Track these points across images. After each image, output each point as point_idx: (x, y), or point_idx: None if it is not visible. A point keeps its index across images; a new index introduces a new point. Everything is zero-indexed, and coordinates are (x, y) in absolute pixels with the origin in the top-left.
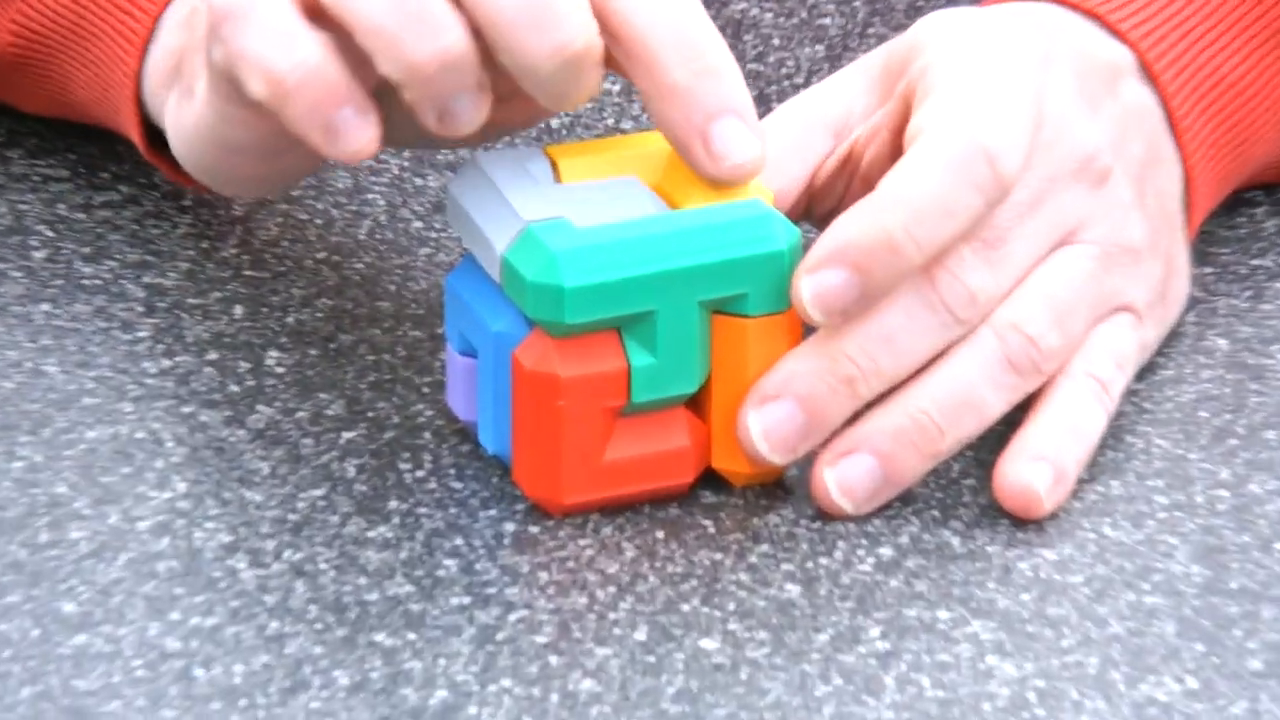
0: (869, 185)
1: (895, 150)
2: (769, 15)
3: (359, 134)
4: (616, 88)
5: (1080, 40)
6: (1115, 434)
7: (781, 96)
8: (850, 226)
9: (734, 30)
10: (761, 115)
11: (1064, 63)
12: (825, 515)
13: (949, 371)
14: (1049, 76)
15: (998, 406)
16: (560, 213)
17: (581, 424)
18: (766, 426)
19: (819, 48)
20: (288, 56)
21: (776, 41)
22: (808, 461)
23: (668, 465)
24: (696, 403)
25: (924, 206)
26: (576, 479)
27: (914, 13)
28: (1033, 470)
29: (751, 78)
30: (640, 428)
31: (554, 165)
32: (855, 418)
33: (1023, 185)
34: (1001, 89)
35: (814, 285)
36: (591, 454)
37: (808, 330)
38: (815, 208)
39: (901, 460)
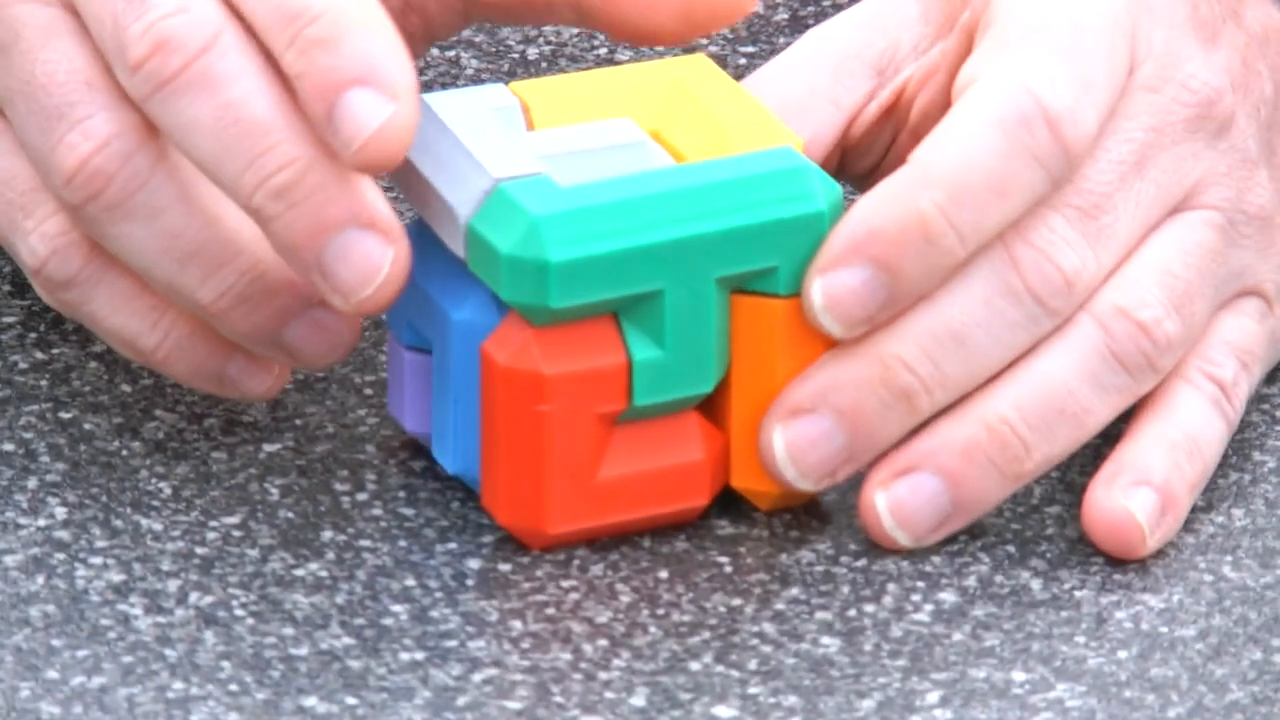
0: (919, 141)
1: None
2: None
3: (254, 381)
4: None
5: None
6: (1239, 450)
7: (820, 17)
8: (874, 210)
9: None
10: (789, 44)
11: None
12: (875, 548)
13: (1038, 370)
14: (1152, 4)
15: (1100, 415)
16: (538, 168)
17: (570, 434)
18: (795, 445)
19: None
20: (151, 333)
21: None
22: (854, 481)
23: (677, 484)
24: (711, 406)
25: (968, 183)
26: (563, 503)
27: None
28: (1133, 497)
29: None
30: (642, 438)
31: (524, 108)
32: (921, 426)
33: (1124, 138)
34: (1078, 23)
35: (828, 288)
36: (582, 471)
37: None
38: (851, 164)
39: (974, 482)
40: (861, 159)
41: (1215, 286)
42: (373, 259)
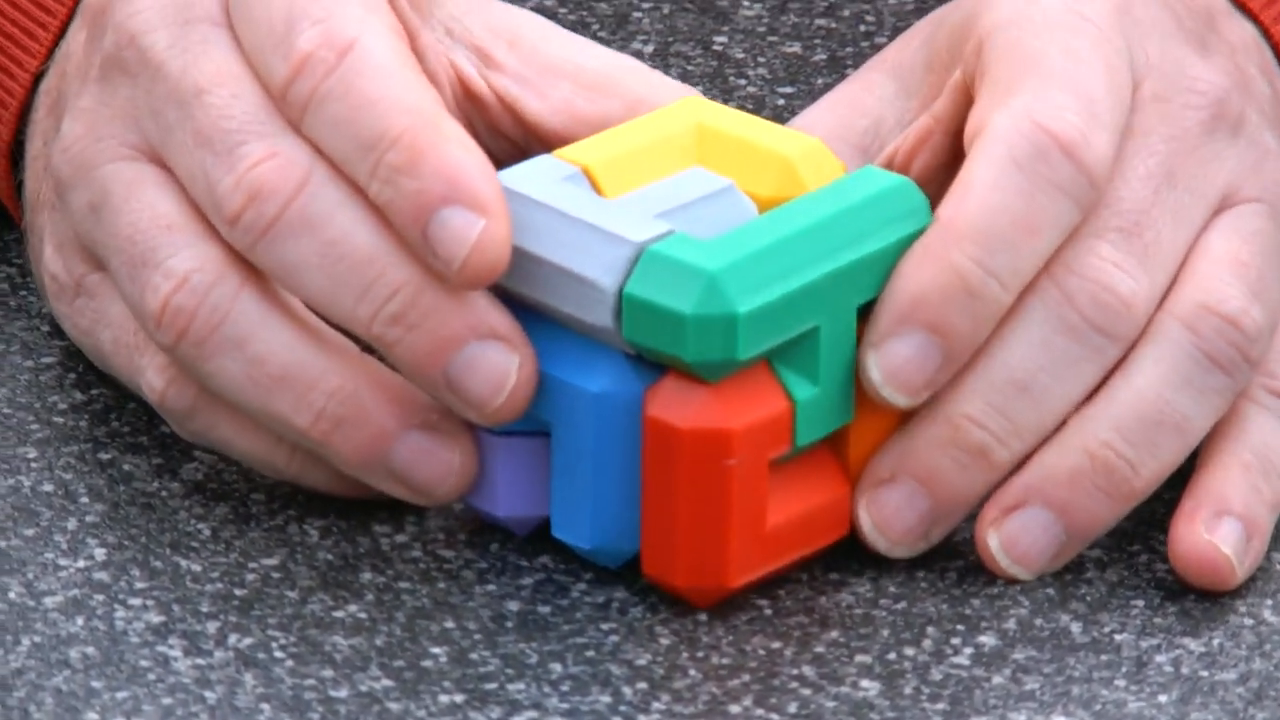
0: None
1: (955, 156)
2: None
3: (426, 469)
4: (649, 48)
5: None
6: None
7: (859, 59)
8: (912, 277)
9: None
10: (834, 83)
11: (1151, 4)
12: (914, 591)
13: (1131, 386)
14: (1138, 20)
15: (1201, 420)
16: (665, 226)
17: (748, 484)
18: (880, 516)
19: None
20: (277, 450)
21: None
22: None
23: (827, 520)
24: (831, 437)
25: (996, 229)
26: (743, 555)
27: None
28: (1217, 530)
29: (822, 36)
30: (792, 480)
31: (586, 172)
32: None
33: (1147, 153)
34: (1070, 50)
35: (884, 361)
36: (758, 521)
37: None
38: None
39: (1084, 509)
40: None
41: (1278, 274)
42: (499, 368)
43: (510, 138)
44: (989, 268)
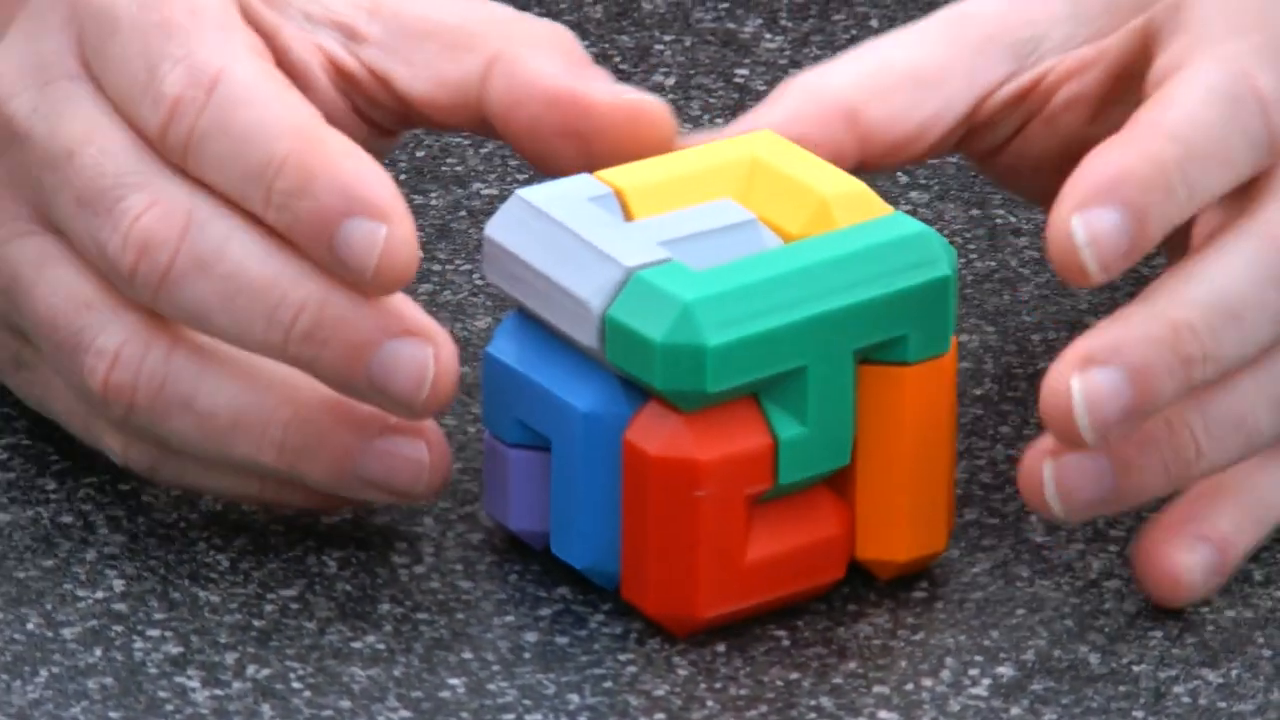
0: (1055, 134)
1: (1108, 94)
2: None
3: (401, 473)
4: (671, 80)
5: None
6: None
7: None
8: (1120, 157)
9: (821, 8)
10: None
11: None
12: (932, 622)
13: (1232, 382)
14: None
15: (1267, 440)
16: (666, 254)
17: (720, 517)
18: (1092, 396)
19: None
20: (249, 483)
21: (875, 22)
22: (945, 558)
23: (816, 560)
24: (835, 478)
25: (1197, 144)
26: (714, 586)
27: None
28: (1189, 552)
29: None
30: (781, 516)
31: (618, 195)
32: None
33: None
34: (1275, 29)
35: (1090, 225)
36: (731, 553)
37: (964, 370)
38: (972, 142)
39: (1144, 476)
40: (983, 139)
41: None
42: (416, 362)
43: (389, 108)
44: (1185, 172)
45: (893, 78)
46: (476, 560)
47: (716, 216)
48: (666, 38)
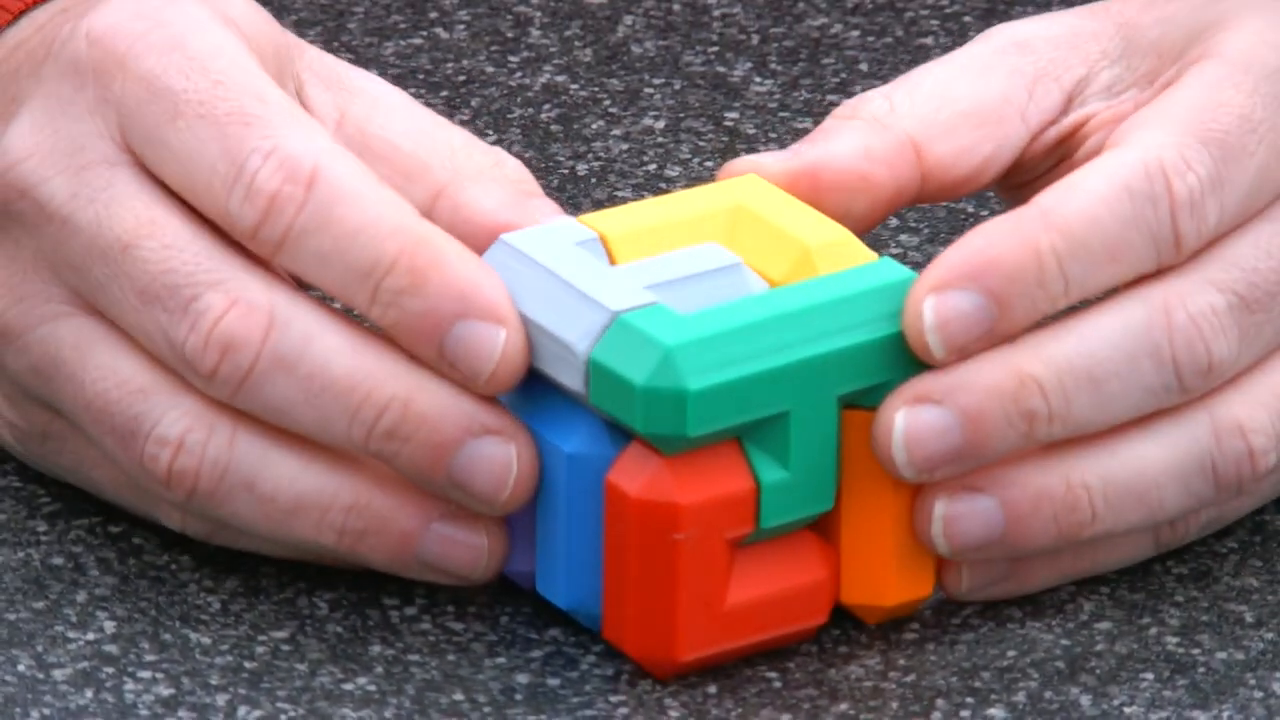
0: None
1: None
2: (855, 33)
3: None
4: (660, 124)
5: None
6: None
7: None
8: (994, 242)
9: (811, 51)
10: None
11: None
12: (924, 664)
13: (1138, 451)
14: None
15: (1172, 513)
16: (651, 298)
17: (701, 560)
18: (914, 431)
19: None
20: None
21: (864, 66)
22: (939, 599)
23: (799, 605)
24: (820, 522)
25: (1088, 238)
26: (694, 630)
27: None
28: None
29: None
30: (764, 560)
31: (602, 239)
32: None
33: None
34: (1248, 119)
35: (941, 308)
36: (711, 597)
37: None
38: (1011, 176)
39: (1033, 528)
40: (1019, 175)
41: None
42: (500, 462)
43: None
44: (1065, 268)
45: (954, 114)
46: (467, 602)
47: (702, 260)
48: (656, 81)
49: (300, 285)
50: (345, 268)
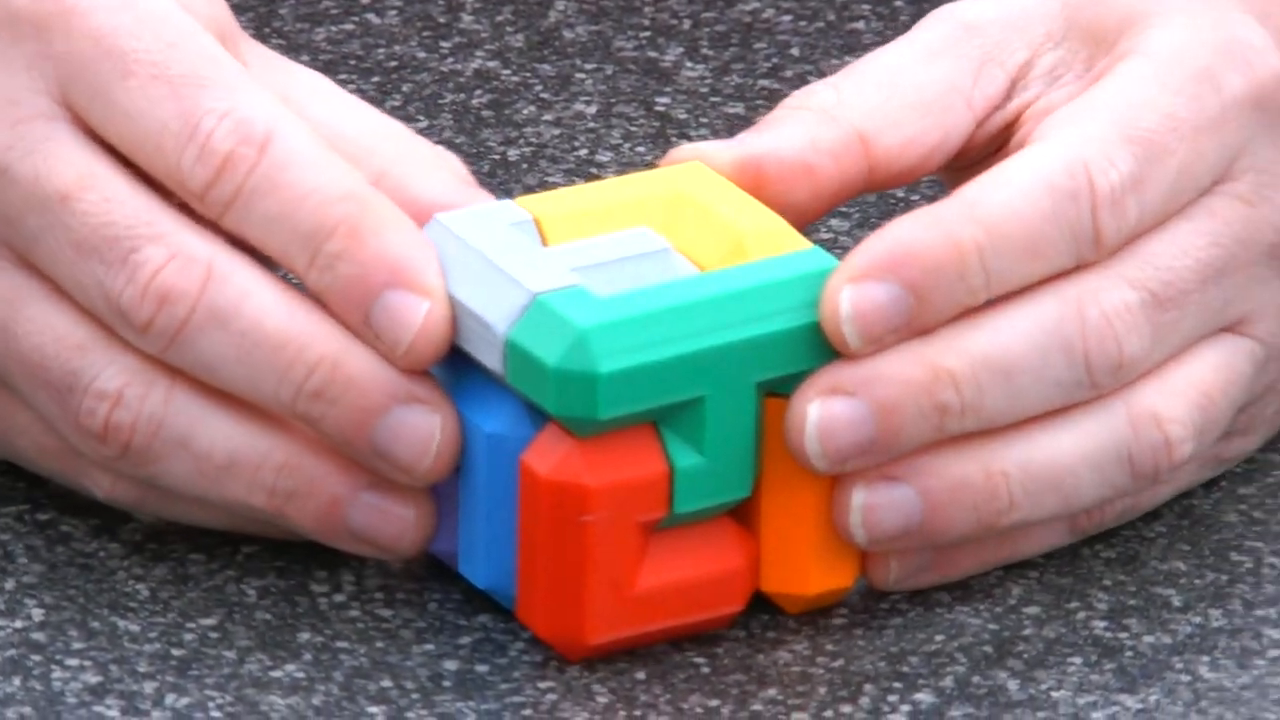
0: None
1: None
2: (787, 18)
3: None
4: (592, 109)
5: None
6: (1216, 550)
7: None
8: (914, 234)
9: (743, 36)
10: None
11: None
12: (852, 649)
13: (1055, 439)
14: (1269, 122)
15: (1088, 502)
16: (573, 280)
17: (611, 543)
18: (827, 422)
19: (849, 59)
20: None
21: (796, 51)
22: (874, 596)
23: (714, 591)
24: (741, 509)
25: (1009, 233)
26: (603, 613)
27: None
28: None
29: (765, 97)
30: (679, 546)
31: (536, 222)
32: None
33: (1213, 241)
34: (1173, 116)
35: (857, 299)
36: (622, 580)
37: None
38: (956, 161)
39: (951, 517)
40: (963, 160)
41: (1232, 418)
42: (423, 431)
43: None
44: (986, 262)
45: (902, 104)
46: (396, 588)
47: (630, 244)
48: (588, 66)
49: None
50: (291, 230)
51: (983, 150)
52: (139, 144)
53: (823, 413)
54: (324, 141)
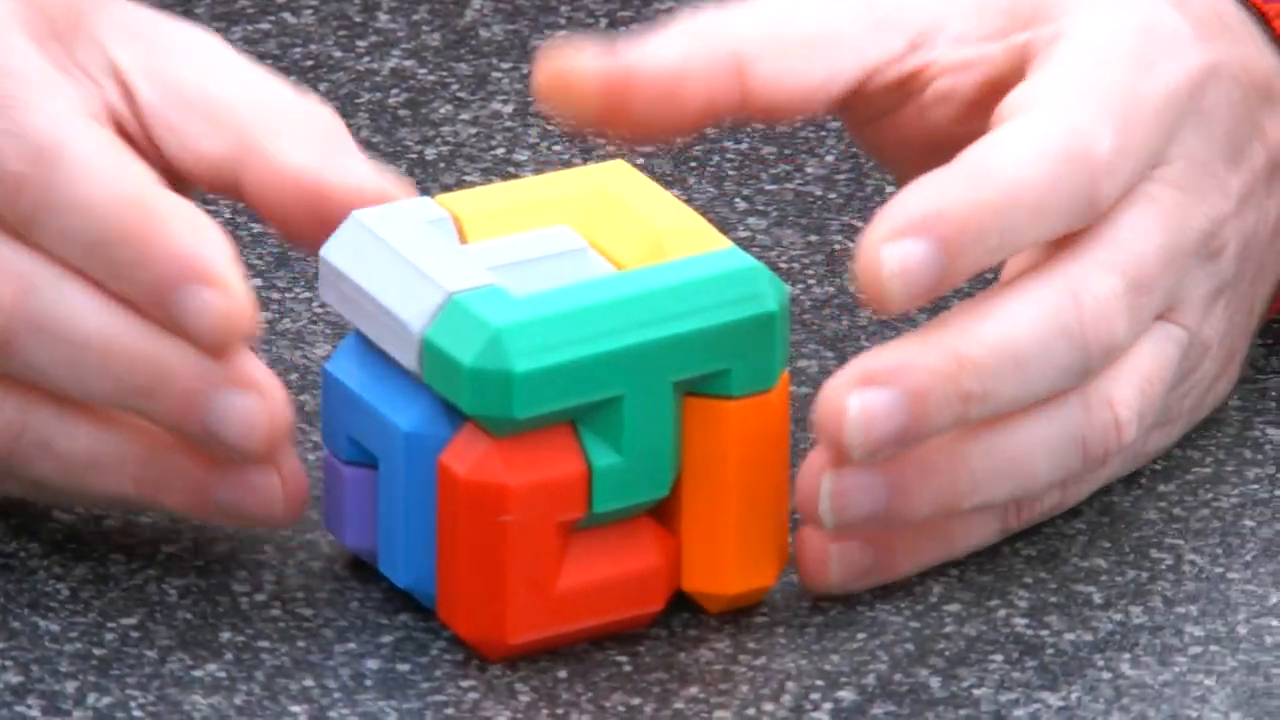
0: (924, 122)
1: (978, 99)
2: None
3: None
4: (509, 108)
5: (1243, 50)
6: (1137, 548)
7: None
8: (940, 193)
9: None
10: (693, 141)
11: (1222, 88)
12: (773, 647)
13: (1018, 425)
14: (1201, 107)
15: (1042, 484)
16: (489, 279)
17: (530, 543)
18: (868, 411)
19: None
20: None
21: None
22: (785, 583)
23: (634, 591)
24: (661, 509)
25: (1024, 198)
26: (524, 613)
27: None
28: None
29: None
30: (599, 545)
31: (455, 220)
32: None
33: (1164, 228)
34: (1134, 91)
35: (901, 256)
36: (542, 580)
37: (796, 408)
38: (851, 111)
39: (916, 499)
40: (861, 111)
41: (1162, 405)
42: (246, 413)
43: (164, 173)
44: (1002, 220)
45: (787, 37)
46: (317, 588)
47: (548, 243)
48: (504, 65)
49: None
50: (83, 243)
51: (881, 102)
52: None
53: (864, 404)
54: (116, 146)
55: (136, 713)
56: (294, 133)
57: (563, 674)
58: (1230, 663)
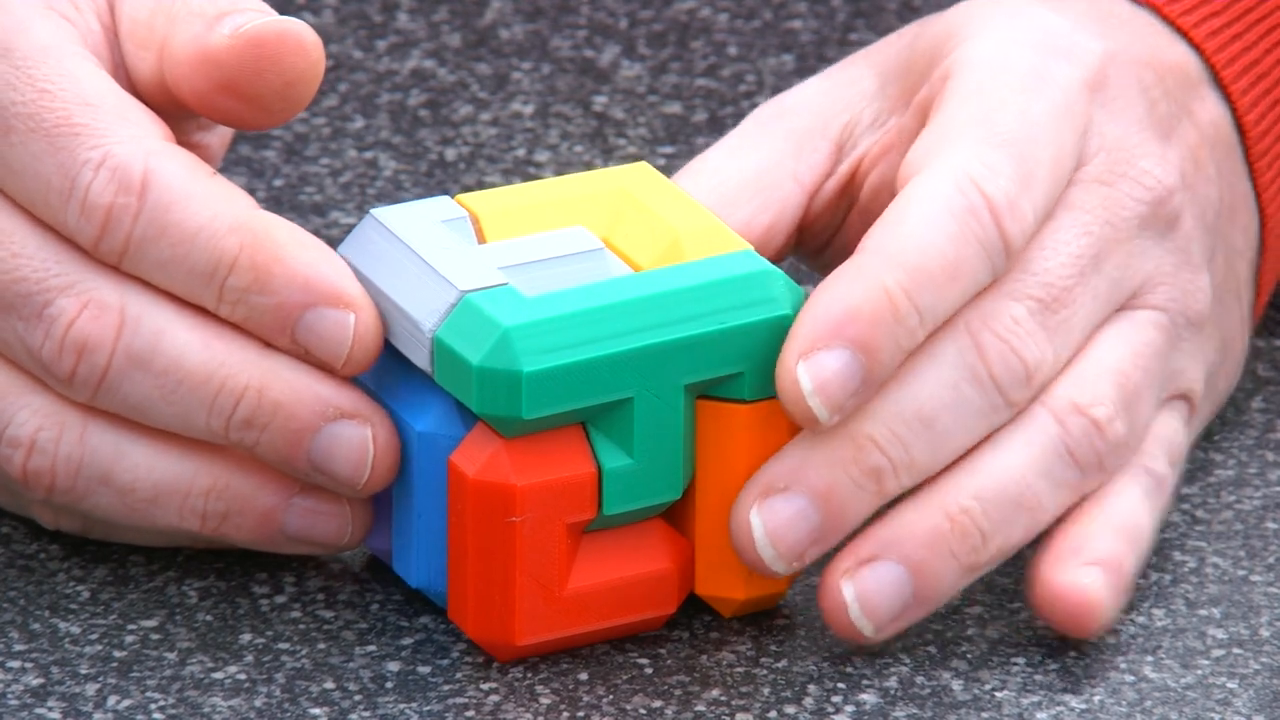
0: (869, 221)
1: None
2: (724, 16)
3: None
4: (529, 109)
5: (1146, 41)
6: (1160, 550)
7: (738, 119)
8: (845, 293)
9: (680, 35)
10: (714, 142)
11: (1128, 72)
12: (795, 649)
13: (997, 462)
14: (1108, 99)
15: (1052, 509)
16: (502, 279)
17: (539, 544)
18: (773, 526)
19: (787, 58)
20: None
21: (733, 50)
22: (807, 585)
23: (645, 594)
24: (675, 512)
25: (925, 266)
26: (533, 614)
27: (908, 14)
28: (1087, 574)
29: (702, 96)
30: (610, 548)
31: (474, 219)
32: (876, 515)
33: (1081, 231)
34: (1026, 113)
35: (815, 372)
36: (551, 582)
37: None
38: (805, 242)
39: (935, 571)
40: (815, 237)
41: (1158, 388)
42: (356, 445)
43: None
44: (914, 300)
45: (726, 191)
46: (338, 590)
47: (564, 243)
48: (525, 65)
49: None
50: (188, 271)
51: (829, 223)
52: (30, 200)
53: (766, 518)
54: (204, 168)
55: (156, 715)
56: (195, 19)
57: (583, 676)
58: (1253, 665)
